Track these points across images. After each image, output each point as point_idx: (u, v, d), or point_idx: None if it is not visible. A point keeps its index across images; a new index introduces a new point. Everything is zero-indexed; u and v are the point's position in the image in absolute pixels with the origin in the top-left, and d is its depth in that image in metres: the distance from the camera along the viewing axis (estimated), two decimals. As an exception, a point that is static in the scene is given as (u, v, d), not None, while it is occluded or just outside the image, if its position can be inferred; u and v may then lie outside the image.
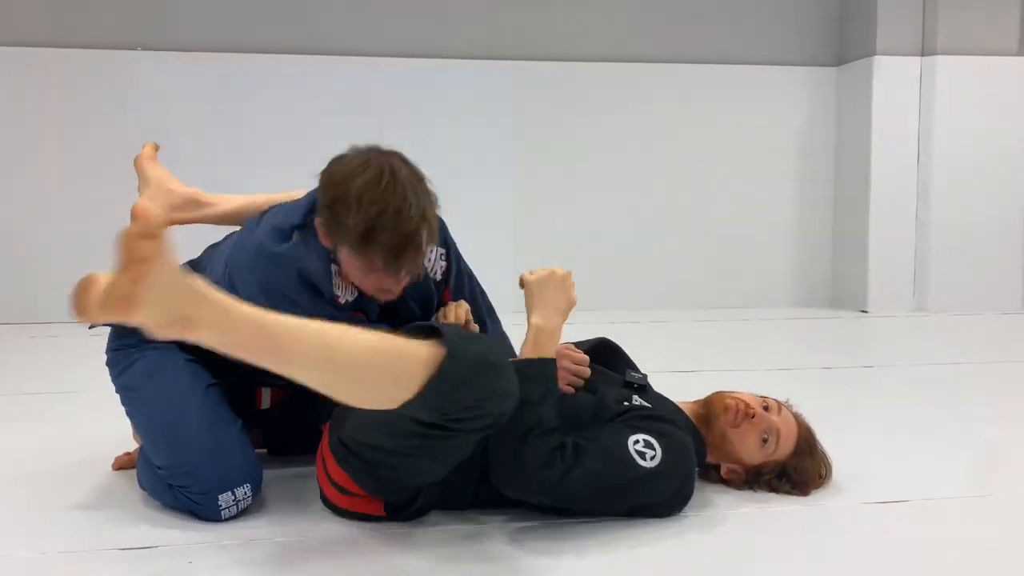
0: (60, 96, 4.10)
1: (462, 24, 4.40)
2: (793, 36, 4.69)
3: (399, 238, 1.48)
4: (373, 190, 1.47)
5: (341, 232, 1.51)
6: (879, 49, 4.39)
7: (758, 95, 4.63)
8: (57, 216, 4.08)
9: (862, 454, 2.02)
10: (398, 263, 1.52)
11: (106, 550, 1.47)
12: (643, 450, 1.51)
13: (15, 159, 4.09)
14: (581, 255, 4.57)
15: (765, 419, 1.67)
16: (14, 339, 3.69)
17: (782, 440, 1.68)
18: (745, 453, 1.69)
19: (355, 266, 1.55)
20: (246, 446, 1.65)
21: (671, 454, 1.53)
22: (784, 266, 4.78)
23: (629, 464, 1.49)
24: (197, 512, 1.58)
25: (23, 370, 3.12)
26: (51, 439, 2.15)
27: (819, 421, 1.73)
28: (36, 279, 4.04)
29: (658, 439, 1.54)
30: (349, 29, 4.30)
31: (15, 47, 4.07)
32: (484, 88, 4.40)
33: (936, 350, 3.60)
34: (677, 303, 4.60)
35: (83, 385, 2.60)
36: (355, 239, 1.49)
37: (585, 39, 4.50)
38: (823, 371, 3.07)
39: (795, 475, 1.69)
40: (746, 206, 4.68)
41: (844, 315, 4.49)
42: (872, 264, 4.50)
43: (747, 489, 1.72)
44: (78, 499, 1.72)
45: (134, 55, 4.11)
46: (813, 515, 1.63)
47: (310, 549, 1.47)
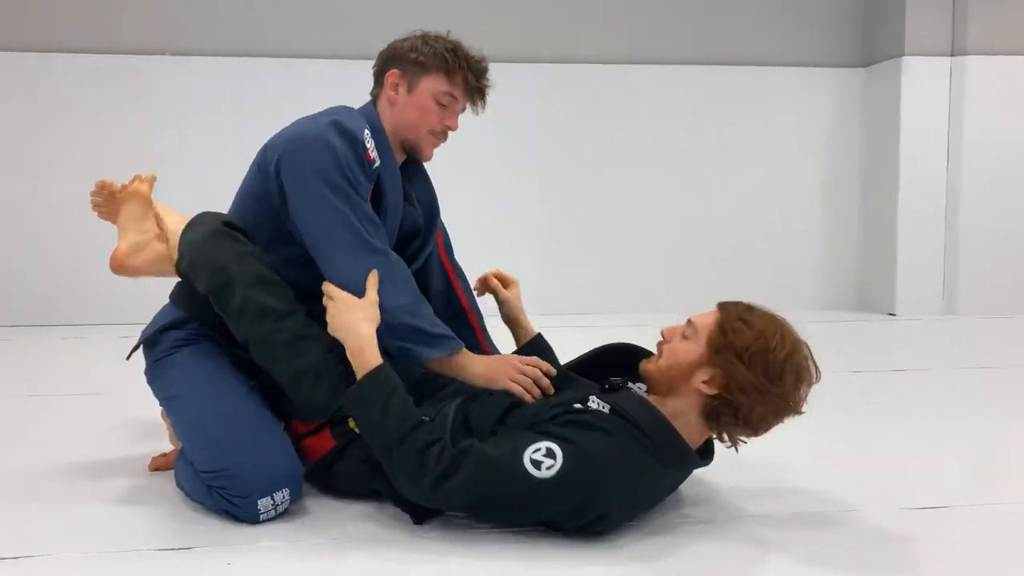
0: (92, 100, 4.14)
1: (484, 26, 4.40)
2: (820, 37, 4.65)
3: (481, 65, 1.80)
4: (451, 39, 1.81)
5: (436, 59, 1.75)
6: (908, 50, 4.35)
7: (785, 97, 4.60)
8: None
9: (899, 459, 2.00)
10: (479, 86, 1.79)
11: (145, 550, 1.48)
12: (540, 459, 1.41)
13: (53, 162, 4.14)
14: (605, 257, 4.57)
15: (674, 329, 1.61)
16: (46, 341, 3.73)
17: (696, 320, 1.57)
18: (682, 355, 1.54)
19: (435, 92, 1.76)
20: (288, 449, 1.65)
21: (575, 464, 1.41)
22: (810, 268, 4.74)
23: (518, 473, 1.40)
24: (235, 514, 1.59)
25: (57, 371, 3.16)
26: (87, 440, 2.17)
27: (852, 425, 1.72)
28: (74, 281, 4.08)
29: (564, 447, 1.42)
30: (370, 33, 4.31)
31: (50, 52, 4.13)
32: (513, 90, 4.39)
33: (967, 354, 3.55)
34: (702, 306, 4.55)
35: (116, 386, 2.63)
36: (451, 60, 1.75)
37: (610, 41, 4.49)
38: (853, 374, 3.04)
39: (745, 318, 1.53)
40: (773, 208, 4.65)
41: (872, 318, 4.45)
42: (900, 266, 4.46)
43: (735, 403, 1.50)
44: (116, 499, 1.74)
45: (162, 60, 4.16)
46: (852, 520, 1.61)
47: (346, 551, 1.48)
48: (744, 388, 1.48)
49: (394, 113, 1.80)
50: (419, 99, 1.77)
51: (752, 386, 1.48)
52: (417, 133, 1.80)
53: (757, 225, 4.65)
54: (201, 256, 1.70)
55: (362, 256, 1.65)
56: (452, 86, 1.77)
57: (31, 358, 3.41)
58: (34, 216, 4.14)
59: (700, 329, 1.55)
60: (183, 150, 4.11)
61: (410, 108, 1.78)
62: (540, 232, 4.51)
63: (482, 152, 4.33)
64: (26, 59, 4.09)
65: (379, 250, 1.67)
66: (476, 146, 4.32)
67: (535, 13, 4.45)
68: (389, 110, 1.80)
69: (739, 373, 1.48)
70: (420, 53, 1.76)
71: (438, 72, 1.76)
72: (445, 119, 1.79)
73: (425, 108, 1.77)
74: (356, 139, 1.69)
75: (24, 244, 4.14)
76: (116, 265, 2.01)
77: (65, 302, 4.09)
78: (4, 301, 4.11)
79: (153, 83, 4.14)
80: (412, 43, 1.78)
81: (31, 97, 4.12)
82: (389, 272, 1.67)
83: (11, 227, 4.14)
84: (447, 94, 1.77)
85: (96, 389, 2.73)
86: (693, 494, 1.71)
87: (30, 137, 4.12)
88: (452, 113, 1.80)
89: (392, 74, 1.78)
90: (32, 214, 4.14)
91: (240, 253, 1.69)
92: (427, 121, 1.78)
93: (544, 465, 1.40)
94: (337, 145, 1.67)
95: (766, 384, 1.48)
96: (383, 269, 1.66)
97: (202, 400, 1.67)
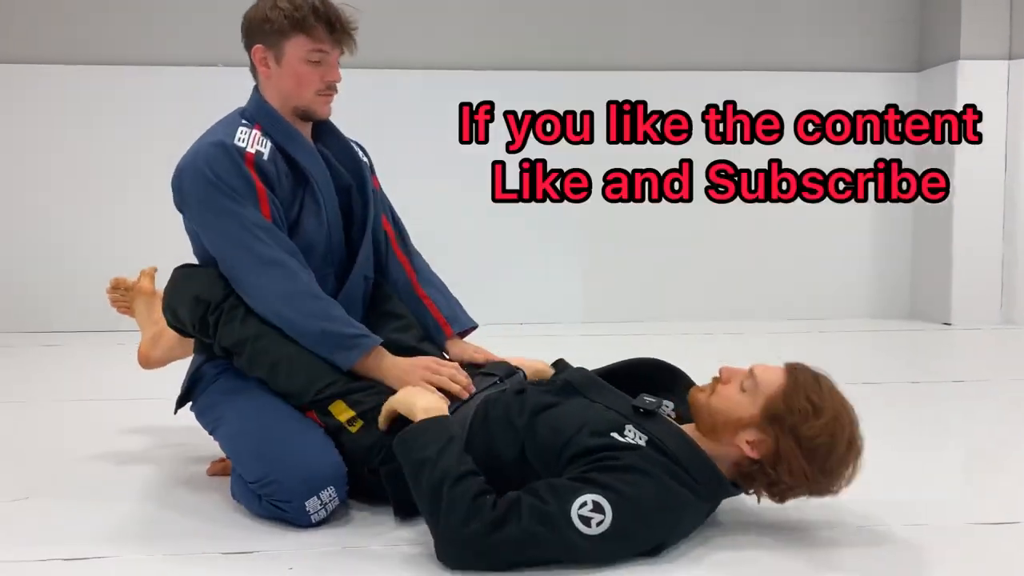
0: (136, 111, 4.25)
1: (532, 35, 4.43)
2: (871, 41, 4.58)
3: (336, 10, 1.76)
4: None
5: (290, 20, 1.72)
6: (964, 53, 4.25)
7: (836, 102, 4.52)
8: (134, 227, 4.21)
9: (962, 471, 1.95)
10: (344, 36, 1.76)
11: (209, 554, 1.51)
12: (588, 514, 1.35)
13: (92, 172, 4.25)
14: (654, 265, 4.55)
15: (735, 373, 1.53)
16: (103, 346, 3.82)
17: (759, 375, 1.49)
18: (735, 407, 1.48)
19: (303, 54, 1.74)
20: (327, 449, 1.66)
21: (623, 517, 1.36)
22: (862, 276, 4.66)
23: (569, 529, 1.34)
24: (288, 519, 1.61)
25: (112, 375, 3.23)
26: (144, 443, 2.22)
27: (914, 437, 1.68)
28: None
29: (610, 500, 1.36)
30: (407, 43, 4.37)
31: (100, 65, 4.25)
32: (553, 98, 4.40)
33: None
34: (751, 314, 4.52)
35: (172, 391, 2.67)
36: (306, 15, 1.72)
37: (658, 48, 4.48)
38: (911, 385, 2.98)
39: (810, 396, 1.44)
40: (823, 215, 4.58)
41: (926, 327, 4.35)
42: (956, 275, 4.35)
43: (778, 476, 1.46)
44: (178, 503, 1.77)
45: (214, 71, 4.24)
46: (918, 535, 1.57)
47: (407, 558, 1.48)
48: (793, 472, 1.44)
49: (274, 86, 1.79)
50: (290, 66, 1.76)
51: (802, 473, 1.43)
52: (302, 99, 1.79)
53: (807, 231, 4.58)
54: (172, 303, 1.77)
55: (258, 271, 1.68)
56: (316, 41, 1.75)
57: (84, 363, 3.50)
58: (88, 225, 4.25)
59: (761, 387, 1.48)
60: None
61: (285, 78, 1.77)
62: (581, 239, 4.50)
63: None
64: (39, 70, 4.21)
65: (273, 260, 1.68)
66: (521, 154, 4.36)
67: (574, 20, 4.44)
68: (269, 85, 1.80)
69: (793, 457, 1.43)
70: (272, 22, 1.74)
71: (296, 34, 1.74)
72: (325, 75, 1.78)
73: (300, 73, 1.76)
74: (223, 148, 1.71)
75: (79, 252, 4.26)
76: (143, 360, 2.13)
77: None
78: (58, 306, 4.22)
79: (210, 94, 4.23)
80: (262, 11, 1.76)
81: (50, 108, 4.24)
82: (289, 281, 1.68)
83: (67, 236, 4.26)
84: (315, 51, 1.75)
85: (152, 394, 2.78)
86: (755, 507, 1.68)
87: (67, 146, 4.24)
88: (329, 66, 1.78)
89: (257, 50, 1.78)
90: (88, 223, 4.26)
91: (207, 280, 1.74)
92: (307, 84, 1.77)
93: (594, 521, 1.35)
94: (204, 167, 1.70)
95: (819, 476, 1.44)
96: (279, 281, 1.68)
97: (241, 414, 1.71)
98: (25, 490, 1.85)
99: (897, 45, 4.58)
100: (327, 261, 1.85)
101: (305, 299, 1.69)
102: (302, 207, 1.79)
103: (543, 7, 4.44)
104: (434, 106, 4.33)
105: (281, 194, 1.76)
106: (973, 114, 4.25)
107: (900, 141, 4.39)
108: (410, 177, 4.34)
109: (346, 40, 1.79)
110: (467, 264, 4.46)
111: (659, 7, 4.49)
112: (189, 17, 4.29)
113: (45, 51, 4.24)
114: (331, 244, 1.85)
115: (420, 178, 4.23)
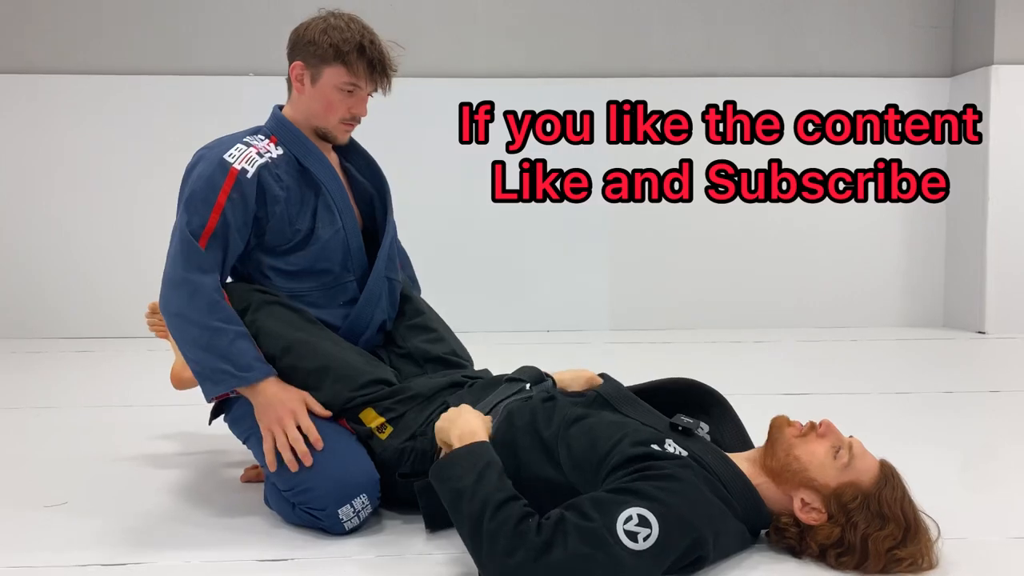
0: (169, 120, 4.31)
1: (555, 43, 4.43)
2: (902, 46, 4.53)
3: (382, 51, 1.80)
4: (356, 22, 1.80)
5: (334, 48, 1.75)
6: (997, 58, 4.20)
7: (867, 109, 4.48)
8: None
9: (1003, 484, 1.91)
10: (383, 77, 1.81)
11: (245, 561, 1.51)
12: (635, 529, 1.30)
13: (118, 180, 4.31)
14: (681, 273, 4.52)
15: (835, 433, 1.48)
16: (135, 353, 3.86)
17: (857, 454, 1.44)
18: (816, 467, 1.44)
19: (338, 83, 1.78)
20: (358, 456, 1.67)
21: (669, 528, 1.32)
22: (894, 284, 4.61)
23: (617, 546, 1.29)
24: (322, 527, 1.61)
25: (145, 382, 3.26)
26: (179, 449, 2.24)
27: (951, 450, 1.65)
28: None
29: (655, 512, 1.32)
30: (445, 50, 4.39)
31: (130, 75, 4.31)
32: (580, 105, 4.40)
33: (1067, 374, 3.39)
34: (780, 323, 4.48)
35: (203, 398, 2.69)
36: (350, 50, 1.75)
37: (686, 55, 4.46)
38: (944, 395, 2.93)
39: (884, 509, 1.40)
40: (856, 222, 4.54)
41: (959, 336, 4.28)
42: (991, 282, 4.29)
43: (823, 549, 1.43)
44: (214, 510, 1.78)
45: (247, 80, 4.29)
46: (961, 549, 1.54)
47: (439, 567, 1.48)
48: (825, 549, 1.42)
49: (303, 103, 1.84)
50: (323, 91, 1.80)
51: (834, 555, 1.42)
52: (326, 123, 1.83)
53: (838, 239, 4.54)
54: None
55: (168, 286, 1.72)
56: (353, 76, 1.78)
57: (115, 369, 3.54)
58: (122, 233, 4.31)
59: (851, 467, 1.44)
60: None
61: (316, 99, 1.81)
62: (611, 247, 4.49)
63: (559, 164, 4.36)
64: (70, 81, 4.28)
65: (180, 281, 1.69)
66: (554, 157, 4.36)
67: (604, 26, 4.44)
68: (299, 100, 1.85)
69: (836, 543, 1.41)
70: (318, 45, 1.77)
71: (338, 64, 1.77)
72: (352, 108, 1.82)
73: (330, 100, 1.81)
74: (215, 160, 1.73)
75: (112, 259, 4.31)
76: (175, 381, 2.16)
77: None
78: (92, 313, 4.28)
79: (239, 103, 4.28)
80: (312, 33, 1.78)
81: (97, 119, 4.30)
82: (185, 302, 1.69)
83: (100, 244, 4.32)
84: (350, 84, 1.79)
85: (185, 400, 2.80)
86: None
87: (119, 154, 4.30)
88: (359, 100, 1.82)
89: (295, 66, 1.81)
90: (122, 231, 4.31)
91: (234, 296, 1.76)
92: (334, 111, 1.82)
93: (640, 536, 1.31)
94: (191, 169, 1.77)
95: (852, 563, 1.41)
96: (175, 300, 1.70)
97: None
98: (62, 496, 1.87)
99: (929, 50, 4.53)
100: (347, 268, 1.88)
101: (191, 326, 1.69)
102: (316, 215, 1.83)
103: (586, 14, 4.45)
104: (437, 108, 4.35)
105: (287, 203, 1.79)
106: (973, 114, 4.21)
107: (900, 141, 4.36)
108: (427, 179, 4.36)
109: (383, 82, 1.83)
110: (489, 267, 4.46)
111: (691, 14, 4.47)
112: (213, 28, 4.34)
113: (76, 62, 4.31)
114: (349, 250, 1.88)
115: (438, 178, 4.26)
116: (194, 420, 2.53)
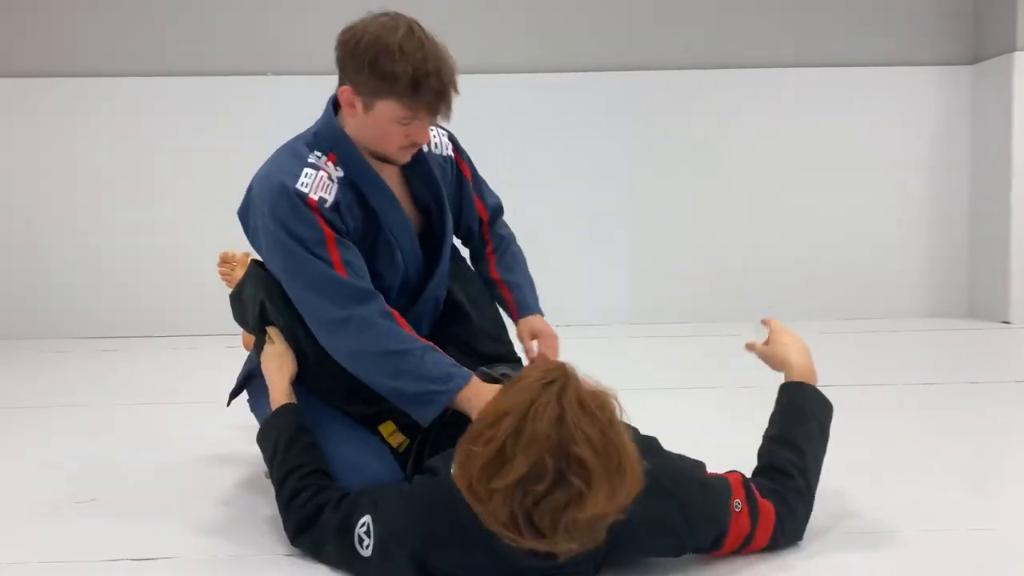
0: (189, 120, 4.34)
1: (575, 38, 4.42)
2: (922, 34, 4.47)
3: (443, 82, 1.55)
4: (412, 40, 1.54)
5: (388, 83, 1.54)
6: (1020, 44, 4.13)
7: (887, 98, 4.44)
8: (197, 236, 4.30)
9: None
10: (442, 106, 1.58)
11: (273, 555, 1.53)
12: (363, 536, 1.37)
13: (142, 181, 4.36)
14: (701, 265, 4.50)
15: None
16: (160, 351, 3.91)
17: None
18: None
19: (394, 116, 1.58)
20: (382, 455, 1.67)
21: (381, 543, 1.35)
22: (917, 274, 4.55)
23: (352, 555, 1.38)
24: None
25: (170, 379, 3.30)
26: (206, 446, 2.27)
27: (974, 439, 1.63)
28: (187, 293, 4.28)
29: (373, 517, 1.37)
30: (478, 48, 4.38)
31: (151, 77, 4.35)
32: (600, 99, 4.39)
33: (1094, 364, 3.34)
34: (802, 314, 4.43)
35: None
36: (405, 85, 1.53)
37: (705, 46, 4.43)
38: (969, 386, 2.90)
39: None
40: (877, 212, 4.49)
41: (984, 326, 4.24)
42: (1015, 272, 4.22)
43: None
44: (241, 505, 1.81)
45: (264, 80, 4.31)
46: (987, 540, 1.53)
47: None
48: None
49: (356, 127, 1.66)
50: (378, 121, 1.60)
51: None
52: (385, 150, 1.66)
53: (861, 229, 4.49)
54: (242, 299, 1.81)
55: (326, 331, 1.62)
56: (411, 111, 1.57)
57: (141, 367, 3.57)
58: (146, 232, 4.36)
59: None
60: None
61: (370, 127, 1.62)
62: (630, 241, 4.48)
63: (579, 160, 4.35)
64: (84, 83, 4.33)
65: (336, 321, 1.59)
66: (572, 153, 4.35)
67: (619, 17, 4.43)
68: (351, 121, 1.66)
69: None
70: (371, 76, 1.55)
71: (393, 98, 1.55)
72: (411, 135, 1.62)
73: (387, 132, 1.61)
74: (286, 195, 1.60)
75: (136, 258, 4.36)
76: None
77: (172, 314, 4.29)
78: (118, 312, 4.33)
79: (256, 103, 4.31)
80: (362, 58, 1.55)
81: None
82: (355, 339, 1.59)
83: (125, 243, 4.37)
84: (407, 118, 1.58)
85: (209, 398, 2.83)
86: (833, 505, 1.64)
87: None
88: (418, 129, 1.62)
89: (345, 91, 1.60)
90: (146, 230, 4.36)
91: (278, 290, 1.70)
92: (392, 142, 1.63)
93: (364, 544, 1.39)
94: (266, 210, 1.62)
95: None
96: (345, 340, 1.61)
97: None
98: (91, 492, 1.90)
99: (950, 37, 4.47)
100: (402, 293, 1.79)
101: (372, 359, 1.59)
102: (374, 249, 1.71)
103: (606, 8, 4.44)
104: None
105: (351, 229, 1.68)
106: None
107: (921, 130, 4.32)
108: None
109: (444, 111, 1.61)
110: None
111: (708, 4, 4.43)
112: (232, 29, 4.37)
113: (94, 64, 4.35)
114: (408, 279, 1.79)
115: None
116: (220, 416, 2.56)
